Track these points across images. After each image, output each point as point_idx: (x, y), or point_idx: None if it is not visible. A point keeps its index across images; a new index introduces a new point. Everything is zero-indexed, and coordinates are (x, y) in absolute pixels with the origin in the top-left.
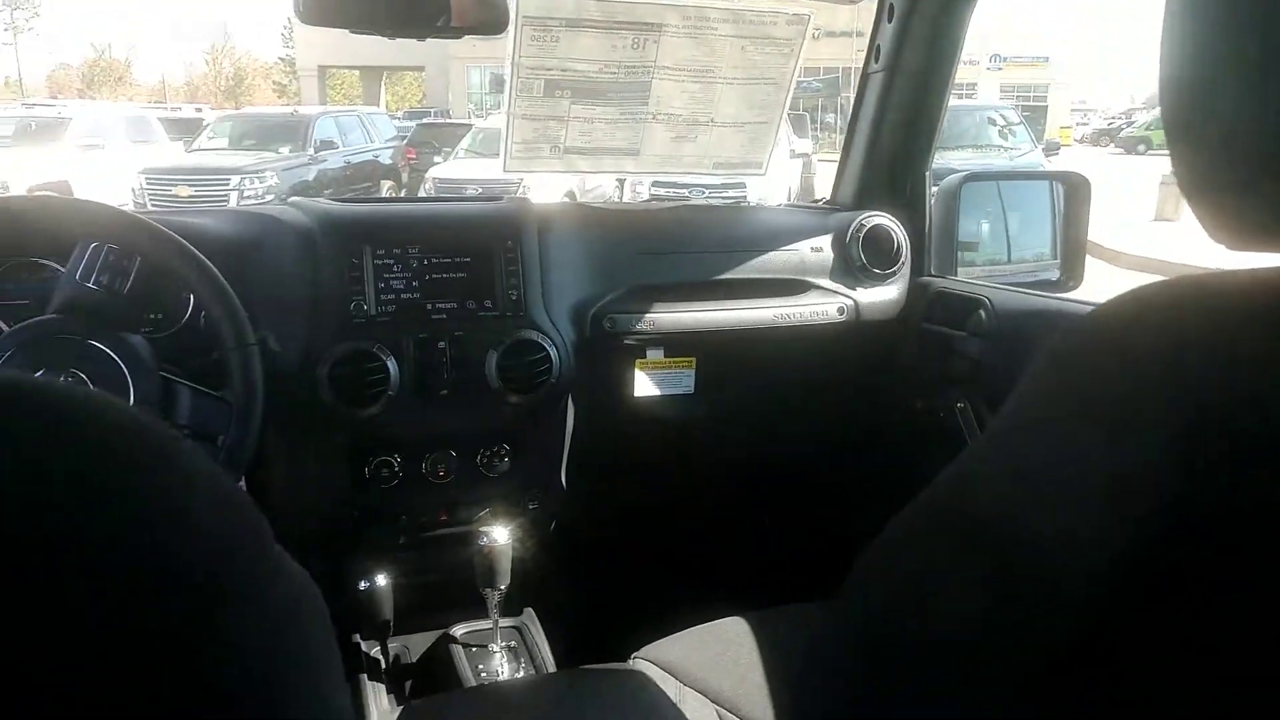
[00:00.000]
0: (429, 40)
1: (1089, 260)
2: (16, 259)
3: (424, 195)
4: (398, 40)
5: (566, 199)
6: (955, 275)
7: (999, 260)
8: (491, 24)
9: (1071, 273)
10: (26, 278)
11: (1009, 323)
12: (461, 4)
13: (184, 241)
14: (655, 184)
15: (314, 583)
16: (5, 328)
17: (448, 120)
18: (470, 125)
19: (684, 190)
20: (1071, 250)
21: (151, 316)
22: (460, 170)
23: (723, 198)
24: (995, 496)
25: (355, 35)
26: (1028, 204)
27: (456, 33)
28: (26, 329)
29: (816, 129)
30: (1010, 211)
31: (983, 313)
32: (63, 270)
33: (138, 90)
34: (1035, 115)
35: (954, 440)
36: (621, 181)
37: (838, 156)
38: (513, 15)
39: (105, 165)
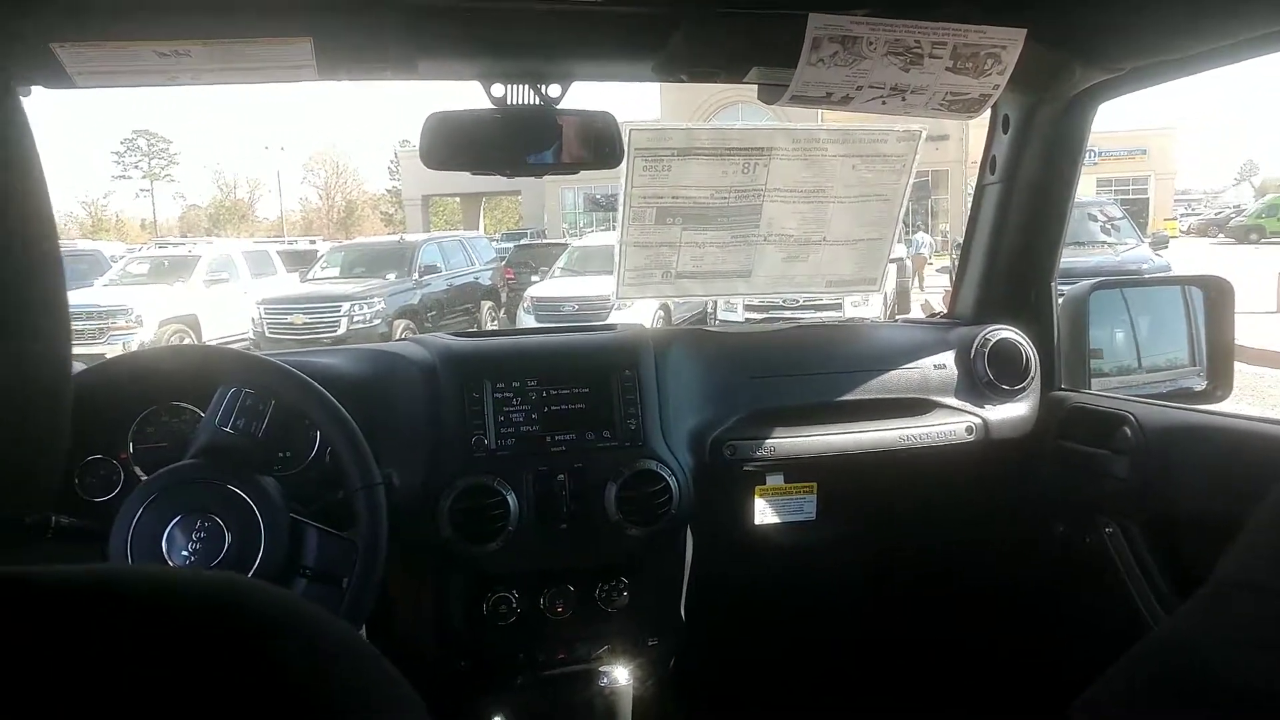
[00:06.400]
0: None
1: None
2: (159, 404)
3: (527, 319)
4: None
5: (660, 310)
6: (1088, 388)
7: (1130, 368)
8: (606, 159)
9: (1220, 382)
10: (166, 420)
11: (1158, 440)
12: (576, 142)
13: (315, 385)
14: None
15: None
16: (140, 472)
17: (544, 240)
18: (566, 244)
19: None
20: (1218, 358)
21: (281, 455)
22: (557, 288)
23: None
24: (1236, 664)
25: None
26: (1157, 308)
27: (572, 169)
28: (170, 474)
29: (907, 232)
30: (1139, 317)
31: (1128, 429)
32: (201, 413)
33: (259, 226)
34: (1136, 208)
35: (1104, 566)
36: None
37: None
38: (626, 147)
39: (230, 297)
